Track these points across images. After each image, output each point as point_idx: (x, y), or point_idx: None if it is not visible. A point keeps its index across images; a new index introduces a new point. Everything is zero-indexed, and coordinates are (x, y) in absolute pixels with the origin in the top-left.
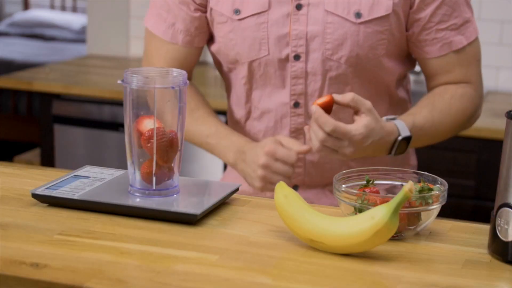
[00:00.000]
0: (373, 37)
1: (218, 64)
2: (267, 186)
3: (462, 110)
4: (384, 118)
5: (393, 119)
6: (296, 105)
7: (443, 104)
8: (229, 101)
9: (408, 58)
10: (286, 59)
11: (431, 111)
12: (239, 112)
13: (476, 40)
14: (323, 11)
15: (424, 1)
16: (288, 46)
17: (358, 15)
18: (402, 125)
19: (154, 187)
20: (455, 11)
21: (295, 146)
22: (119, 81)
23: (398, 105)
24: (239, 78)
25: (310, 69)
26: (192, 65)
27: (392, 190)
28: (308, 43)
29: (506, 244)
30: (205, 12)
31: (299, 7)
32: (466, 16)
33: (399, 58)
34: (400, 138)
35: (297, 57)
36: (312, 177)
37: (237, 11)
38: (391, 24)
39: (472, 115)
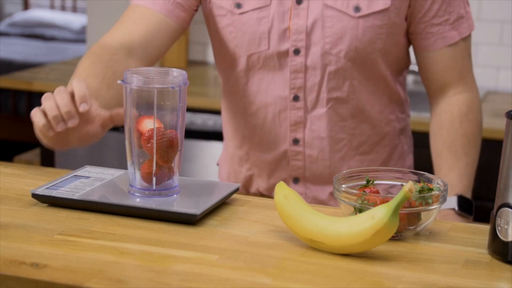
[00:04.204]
0: (372, 31)
1: (216, 56)
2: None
3: (478, 126)
4: None
5: None
6: (296, 98)
7: (461, 141)
8: (224, 96)
9: (406, 54)
10: (286, 53)
11: (457, 159)
12: (233, 107)
13: (469, 35)
14: (323, 5)
15: None
16: (288, 41)
17: (357, 9)
18: None
19: (154, 187)
20: (450, 6)
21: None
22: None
23: (397, 103)
24: (236, 71)
25: (309, 63)
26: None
27: (392, 190)
28: (308, 37)
29: (506, 244)
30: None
31: (299, 1)
32: (461, 12)
33: (397, 54)
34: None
35: (297, 52)
36: (312, 171)
37: (238, 5)
38: (390, 18)
39: (481, 116)
